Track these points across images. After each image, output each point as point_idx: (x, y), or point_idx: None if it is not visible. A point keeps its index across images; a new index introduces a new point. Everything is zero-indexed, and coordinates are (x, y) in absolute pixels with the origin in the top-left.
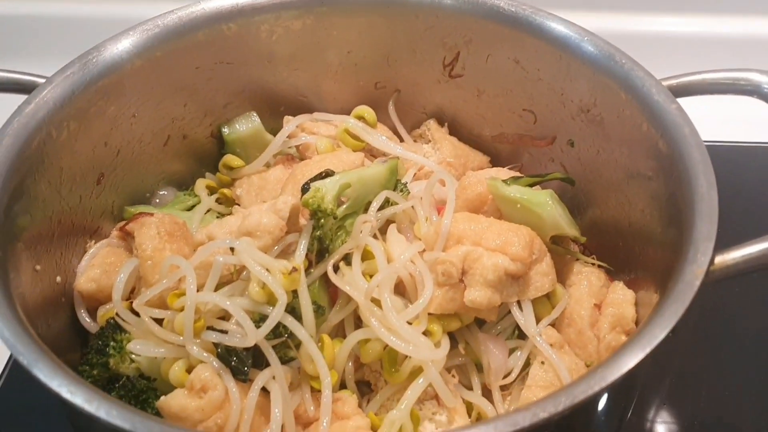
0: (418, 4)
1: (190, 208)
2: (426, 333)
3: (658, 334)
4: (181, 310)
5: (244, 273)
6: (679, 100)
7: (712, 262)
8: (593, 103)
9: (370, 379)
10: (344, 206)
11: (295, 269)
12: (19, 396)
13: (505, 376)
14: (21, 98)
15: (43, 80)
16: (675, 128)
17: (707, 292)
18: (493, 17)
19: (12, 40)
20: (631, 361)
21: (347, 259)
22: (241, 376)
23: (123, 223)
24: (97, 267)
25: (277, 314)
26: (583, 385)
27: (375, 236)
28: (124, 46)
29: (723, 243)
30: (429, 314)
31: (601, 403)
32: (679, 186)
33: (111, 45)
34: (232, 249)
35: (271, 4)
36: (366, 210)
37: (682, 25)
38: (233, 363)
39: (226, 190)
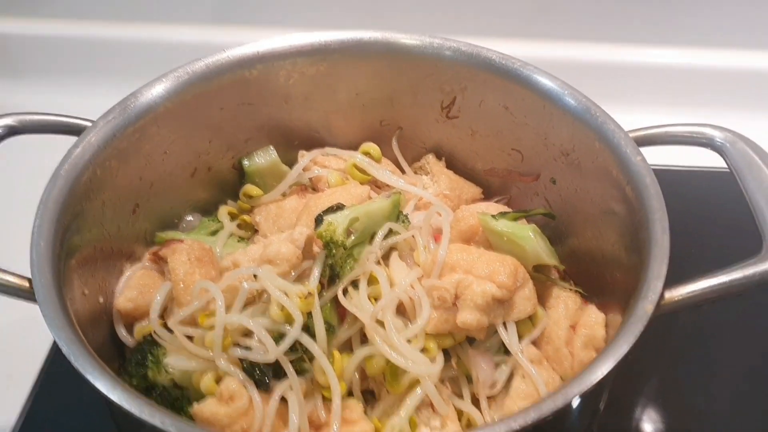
0: (419, 55)
1: (214, 233)
2: (423, 350)
3: (615, 357)
4: (211, 328)
5: (264, 296)
6: (644, 149)
7: (662, 297)
8: (572, 148)
9: (374, 388)
10: (353, 237)
11: (310, 294)
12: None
13: (491, 387)
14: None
15: (88, 123)
16: (639, 177)
17: None
18: (486, 68)
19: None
20: (592, 378)
21: (355, 283)
22: (264, 387)
23: (156, 248)
24: (134, 288)
25: (294, 333)
26: (560, 397)
27: (379, 262)
28: (157, 91)
29: (684, 267)
30: (426, 333)
31: (572, 412)
32: (640, 227)
33: (146, 91)
34: (255, 275)
35: (288, 52)
36: (371, 239)
37: (655, 57)
38: (257, 375)
39: (246, 217)
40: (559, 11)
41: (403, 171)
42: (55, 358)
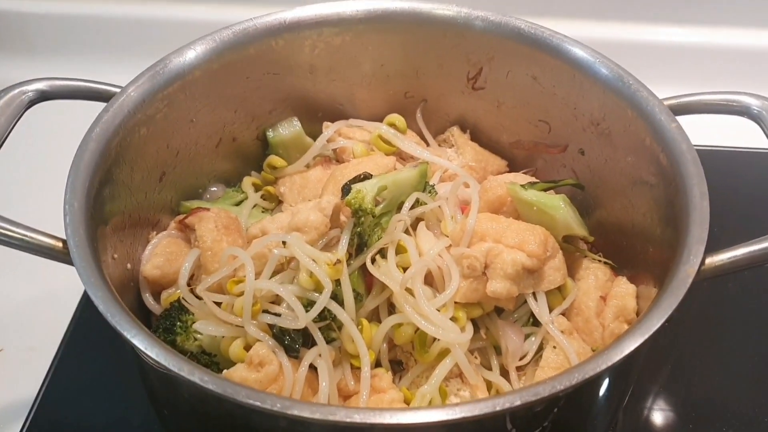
0: (446, 25)
1: (238, 203)
2: (452, 319)
3: (654, 323)
4: (240, 295)
5: (293, 263)
6: (678, 117)
7: (703, 262)
8: (602, 118)
9: (402, 358)
10: (381, 205)
11: (339, 261)
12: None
13: (521, 359)
14: (97, 105)
15: (118, 89)
16: (674, 144)
17: (705, 285)
18: (515, 38)
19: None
20: (631, 345)
21: (382, 252)
22: (293, 353)
23: (182, 216)
24: (160, 256)
25: (323, 300)
26: (592, 364)
27: (407, 232)
28: (187, 58)
29: (718, 242)
30: (455, 303)
31: (604, 385)
32: (676, 194)
33: (176, 57)
34: (283, 242)
35: (314, 22)
36: (399, 209)
37: (687, 36)
38: (287, 342)
39: (270, 188)
40: None
41: (427, 143)
42: (75, 331)
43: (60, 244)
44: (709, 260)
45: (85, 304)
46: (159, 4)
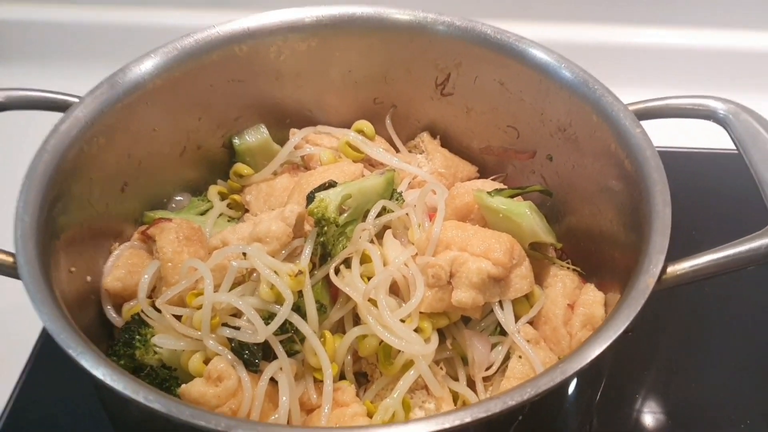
0: (413, 30)
1: (204, 213)
2: (417, 330)
3: (612, 333)
4: (199, 308)
5: (254, 275)
6: (644, 122)
7: (663, 271)
8: (569, 123)
9: (366, 370)
10: (345, 214)
11: (300, 272)
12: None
13: (487, 369)
14: (55, 114)
15: (75, 99)
16: (638, 150)
17: (689, 287)
18: (481, 43)
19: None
20: (590, 355)
21: (347, 262)
22: (253, 368)
23: (144, 227)
24: (122, 267)
25: (284, 313)
26: (545, 378)
27: (372, 241)
28: (146, 67)
29: (689, 244)
30: (420, 313)
31: (567, 394)
32: (640, 201)
33: (135, 66)
34: (244, 254)
35: (279, 28)
36: (365, 218)
37: (654, 38)
38: (245, 356)
39: (236, 196)
40: None
41: (397, 150)
42: (44, 345)
43: (11, 259)
44: (671, 269)
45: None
46: (119, 10)
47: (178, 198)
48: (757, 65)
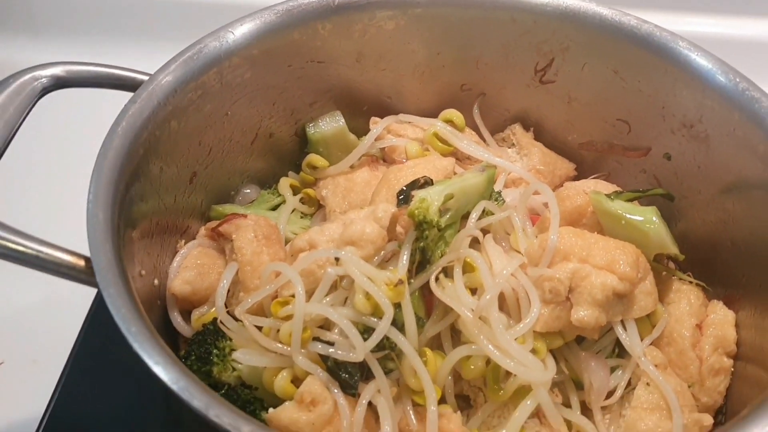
0: (516, 9)
1: (275, 207)
2: (532, 351)
3: None
4: (287, 318)
5: (345, 282)
6: None
7: None
8: (699, 119)
9: (469, 393)
10: (446, 216)
11: (401, 281)
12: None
13: (606, 397)
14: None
15: (145, 77)
16: None
17: None
18: (595, 26)
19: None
20: None
21: (445, 270)
22: (351, 390)
23: (215, 223)
24: (191, 269)
25: (383, 327)
26: None
27: (473, 247)
28: (223, 43)
29: None
30: (533, 332)
31: None
32: None
33: (212, 41)
34: (336, 258)
35: (367, 3)
36: (464, 220)
37: None
38: (343, 376)
39: (309, 190)
40: None
41: (485, 142)
42: (84, 342)
43: (82, 263)
44: None
45: (95, 311)
46: None
47: (246, 191)
48: None
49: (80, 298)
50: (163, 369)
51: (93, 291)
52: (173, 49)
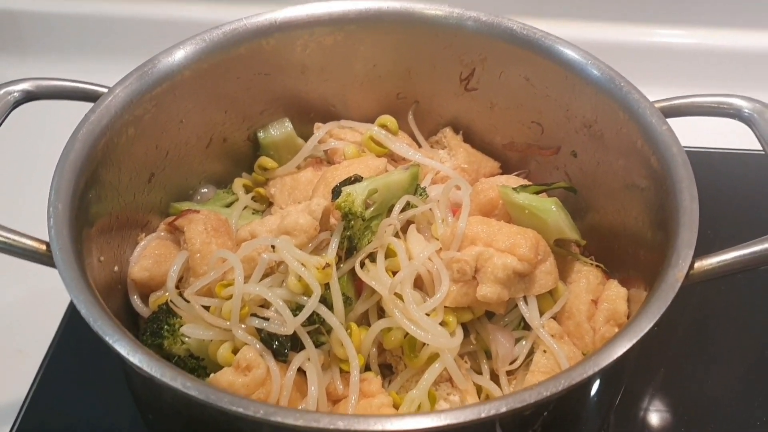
0: (438, 25)
1: (229, 205)
2: (442, 323)
3: (643, 327)
4: (228, 298)
5: (282, 266)
6: (670, 119)
7: (692, 266)
8: (595, 119)
9: (391, 362)
10: (371, 209)
11: (328, 265)
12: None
13: (511, 363)
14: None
15: (105, 90)
16: (665, 147)
17: (698, 287)
18: (507, 39)
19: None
20: (619, 350)
21: (372, 256)
22: (282, 358)
23: (171, 218)
24: (149, 258)
25: (312, 304)
26: (580, 369)
27: (396, 236)
28: (175, 59)
29: (711, 245)
30: (445, 307)
31: (594, 389)
32: (666, 198)
33: (164, 58)
34: (273, 246)
35: (306, 22)
36: (389, 212)
37: (679, 38)
38: (275, 346)
39: (260, 189)
40: None
41: (419, 145)
42: (65, 333)
43: (44, 247)
44: (698, 264)
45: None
46: (148, 3)
47: (204, 190)
48: None
49: (61, 292)
50: (104, 332)
51: None
52: (131, 64)
